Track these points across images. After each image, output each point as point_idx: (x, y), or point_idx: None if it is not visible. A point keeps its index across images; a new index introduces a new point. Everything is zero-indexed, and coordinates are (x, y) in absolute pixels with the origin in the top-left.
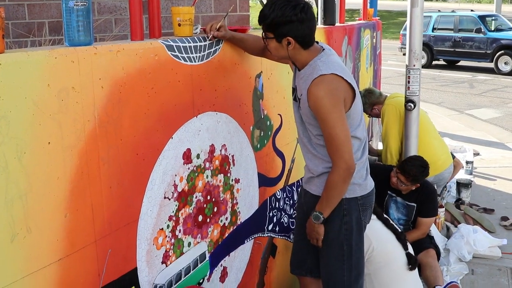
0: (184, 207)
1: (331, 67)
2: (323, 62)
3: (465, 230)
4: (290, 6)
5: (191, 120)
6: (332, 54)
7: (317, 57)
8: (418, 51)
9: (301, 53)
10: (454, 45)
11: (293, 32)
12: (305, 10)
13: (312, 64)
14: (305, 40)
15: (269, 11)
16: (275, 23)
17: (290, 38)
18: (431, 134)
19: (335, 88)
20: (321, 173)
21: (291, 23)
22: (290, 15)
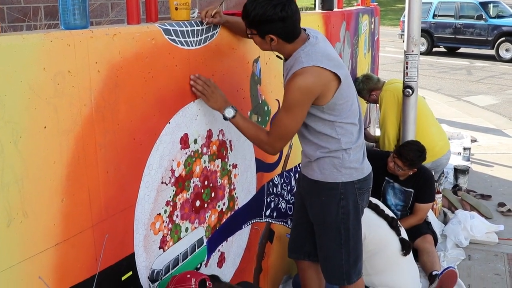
0: (182, 192)
1: (313, 59)
2: (305, 54)
3: (462, 216)
4: (271, 5)
5: (188, 105)
6: (317, 42)
7: (301, 48)
8: (417, 36)
9: (286, 46)
10: (455, 32)
11: (275, 31)
12: (286, 8)
13: (295, 55)
14: (288, 36)
15: (250, 9)
16: (256, 21)
17: (273, 36)
18: (429, 120)
19: (312, 82)
20: (317, 158)
21: (272, 22)
22: (271, 14)
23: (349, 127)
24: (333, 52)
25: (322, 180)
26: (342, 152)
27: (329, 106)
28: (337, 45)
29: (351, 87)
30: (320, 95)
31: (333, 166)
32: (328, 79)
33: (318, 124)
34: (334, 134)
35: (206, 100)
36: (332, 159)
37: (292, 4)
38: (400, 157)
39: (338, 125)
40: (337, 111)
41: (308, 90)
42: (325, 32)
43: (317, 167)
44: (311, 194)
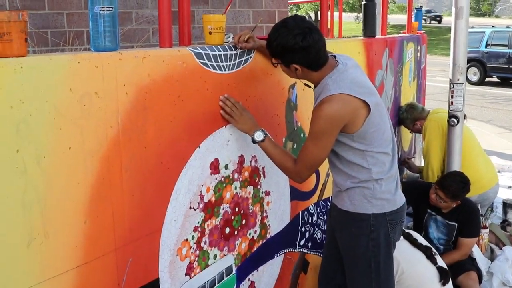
0: (211, 218)
1: (340, 86)
2: (333, 81)
3: (510, 253)
4: (292, 35)
5: (219, 130)
6: (346, 69)
7: (328, 76)
8: (463, 64)
9: (312, 74)
10: (508, 62)
11: (298, 60)
12: (307, 37)
13: (323, 83)
14: (312, 65)
15: (272, 39)
16: (278, 51)
17: (296, 66)
18: (476, 151)
19: (338, 110)
20: (348, 188)
21: (294, 52)
22: (292, 44)
23: (381, 156)
24: (364, 79)
25: (352, 211)
26: (373, 182)
27: (359, 134)
28: (379, 73)
29: (383, 115)
30: (348, 123)
31: (364, 196)
32: (357, 107)
33: (348, 153)
34: (364, 163)
35: (235, 122)
36: (363, 190)
37: (313, 33)
38: (442, 189)
39: (369, 155)
40: (368, 140)
41: (335, 118)
42: (366, 59)
43: (347, 197)
44: (341, 225)
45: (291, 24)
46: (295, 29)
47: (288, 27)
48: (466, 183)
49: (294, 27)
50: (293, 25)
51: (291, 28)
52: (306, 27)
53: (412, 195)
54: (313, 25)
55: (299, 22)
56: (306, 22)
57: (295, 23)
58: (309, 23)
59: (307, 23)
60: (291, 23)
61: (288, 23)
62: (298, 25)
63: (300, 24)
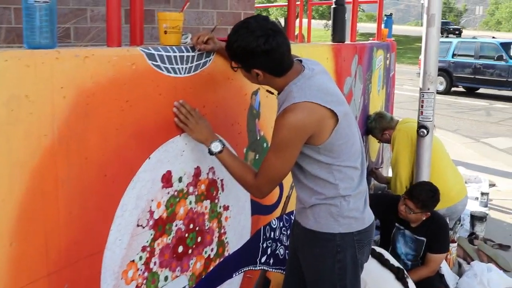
0: (162, 236)
1: (306, 93)
2: (298, 88)
3: (478, 268)
4: (253, 37)
5: (173, 139)
6: (313, 75)
7: (293, 82)
8: (433, 73)
9: (275, 80)
10: (474, 72)
11: (260, 64)
12: (270, 40)
13: (287, 90)
14: (275, 70)
15: (232, 40)
16: (238, 54)
17: (258, 70)
18: (444, 162)
19: (303, 119)
20: (313, 205)
21: (255, 55)
22: (253, 47)
23: (349, 171)
24: (332, 87)
25: (317, 229)
26: (340, 199)
27: (326, 146)
28: (348, 80)
29: (352, 126)
30: (314, 134)
31: (330, 214)
32: (323, 116)
33: (313, 167)
34: (331, 178)
35: (190, 131)
36: (329, 207)
37: (277, 35)
38: (411, 198)
39: (336, 169)
40: (335, 153)
41: (299, 128)
42: (334, 65)
43: (311, 215)
44: (304, 244)
45: (253, 25)
46: (257, 31)
47: (249, 28)
48: (435, 192)
49: (256, 28)
50: (255, 26)
51: (253, 29)
52: (270, 28)
53: (379, 208)
54: (277, 27)
55: (262, 22)
56: (269, 23)
57: (258, 23)
58: (272, 24)
59: (271, 24)
60: (253, 24)
61: (250, 24)
62: (261, 26)
63: (263, 25)
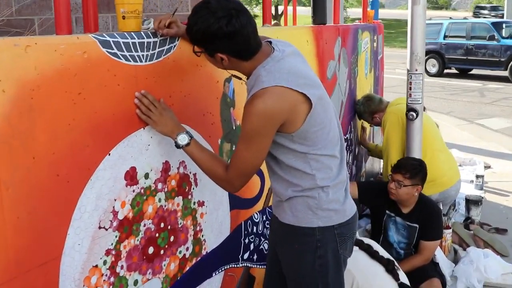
0: (128, 238)
1: (276, 77)
2: (267, 71)
3: (474, 255)
4: (214, 18)
5: (136, 133)
6: (283, 57)
7: (262, 65)
8: (421, 53)
9: (242, 64)
10: (467, 53)
11: (223, 48)
12: (232, 21)
13: (255, 74)
14: (241, 53)
15: (192, 23)
16: (199, 37)
17: (222, 55)
18: (437, 145)
19: (273, 105)
20: (289, 197)
21: (218, 38)
22: (214, 29)
23: (327, 160)
24: (305, 69)
25: (295, 224)
26: (318, 190)
27: (300, 134)
28: (331, 64)
29: (329, 111)
30: (286, 120)
31: (308, 207)
32: (295, 101)
33: (288, 157)
34: (307, 168)
35: (153, 123)
36: (306, 199)
37: (241, 15)
38: (398, 170)
39: (313, 158)
40: (310, 140)
41: (269, 115)
42: (315, 48)
43: (289, 209)
44: (282, 240)
45: (214, 5)
46: (218, 11)
47: (210, 9)
48: (421, 162)
49: (217, 8)
50: (216, 6)
51: (214, 9)
52: (232, 8)
53: (369, 195)
54: (241, 6)
55: (224, 2)
56: (232, 3)
57: (219, 3)
58: (236, 3)
59: (233, 3)
60: (214, 4)
61: (211, 4)
62: (223, 6)
63: (224, 5)
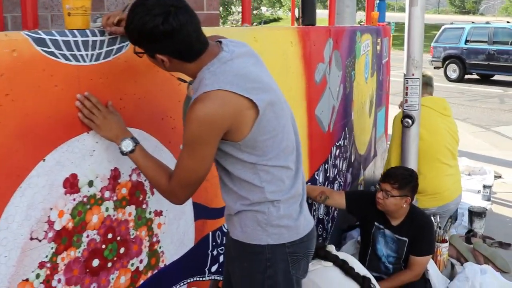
0: (67, 249)
1: (220, 80)
2: (211, 74)
3: (470, 271)
4: (150, 16)
5: (79, 137)
6: (232, 58)
7: (206, 67)
8: (418, 57)
9: (186, 66)
10: (488, 58)
11: (162, 49)
12: (170, 19)
13: (200, 76)
14: (183, 54)
15: (128, 20)
16: (135, 37)
17: (162, 56)
18: (447, 158)
19: (215, 111)
20: (238, 211)
21: (154, 39)
22: (150, 28)
23: (278, 171)
24: (257, 71)
25: (244, 240)
26: (267, 205)
27: (247, 142)
28: (320, 66)
29: (282, 118)
30: (231, 127)
31: (257, 223)
32: (241, 107)
33: (236, 167)
34: (256, 180)
35: (97, 128)
36: (256, 214)
37: (180, 13)
38: (387, 179)
39: (262, 169)
40: (260, 150)
41: (211, 121)
42: (301, 50)
43: (238, 224)
44: (233, 257)
45: (151, 1)
46: (155, 8)
47: (146, 6)
48: (412, 172)
49: (154, 5)
50: (153, 3)
51: (151, 6)
52: (171, 5)
53: (357, 205)
54: (181, 2)
55: None
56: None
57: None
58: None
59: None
60: (151, 0)
61: (148, 0)
62: (160, 2)
63: (162, 2)
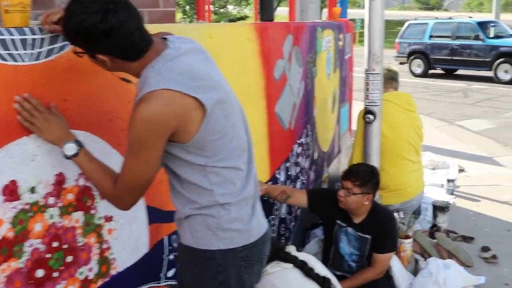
0: (7, 260)
1: (164, 78)
2: (156, 72)
3: (434, 266)
4: (87, 13)
5: (18, 141)
6: (178, 55)
7: (151, 65)
8: (379, 52)
9: (129, 65)
10: (452, 53)
11: (102, 49)
12: (109, 16)
13: (144, 75)
14: (125, 54)
15: (65, 18)
16: (72, 36)
17: (102, 56)
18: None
19: (159, 111)
20: (188, 215)
21: (92, 38)
22: (87, 26)
23: (229, 173)
24: (205, 69)
25: (195, 246)
26: (217, 208)
27: (195, 143)
28: (279, 63)
29: (231, 117)
30: (177, 129)
31: (207, 227)
32: (187, 107)
33: (185, 170)
34: (205, 183)
35: (38, 131)
36: (205, 218)
37: (120, 9)
38: (348, 177)
39: (212, 171)
40: (209, 151)
41: (155, 122)
42: (260, 46)
43: (188, 228)
44: (183, 263)
45: None
46: (92, 5)
47: (83, 2)
48: (373, 169)
49: (92, 2)
50: (91, 0)
51: (88, 3)
52: (110, 1)
53: (319, 204)
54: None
55: None
56: None
57: None
58: None
59: None
60: None
61: None
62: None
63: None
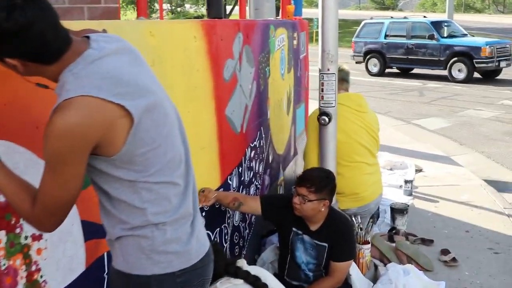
0: None
1: (84, 84)
2: (75, 76)
3: (393, 273)
4: None
5: None
6: (101, 56)
7: (69, 68)
8: (333, 51)
9: (45, 69)
10: (407, 52)
11: (10, 52)
12: (15, 15)
13: (61, 80)
14: (37, 57)
15: None
16: None
17: (11, 60)
18: (366, 157)
19: (78, 122)
20: (118, 237)
21: None
22: None
23: (163, 188)
24: (133, 71)
25: (126, 271)
26: (151, 228)
27: (122, 157)
28: (229, 63)
29: (165, 125)
30: (101, 141)
31: (140, 250)
32: (111, 116)
33: (113, 186)
34: (136, 201)
35: None
36: (138, 240)
37: (29, 6)
38: (303, 183)
39: (144, 187)
40: (139, 165)
41: (74, 135)
42: (207, 45)
43: (119, 251)
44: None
45: None
46: None
47: None
48: (329, 174)
49: None
50: None
51: None
52: None
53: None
54: None
55: None
56: None
57: None
58: None
59: None
60: None
61: None
62: None
63: None
